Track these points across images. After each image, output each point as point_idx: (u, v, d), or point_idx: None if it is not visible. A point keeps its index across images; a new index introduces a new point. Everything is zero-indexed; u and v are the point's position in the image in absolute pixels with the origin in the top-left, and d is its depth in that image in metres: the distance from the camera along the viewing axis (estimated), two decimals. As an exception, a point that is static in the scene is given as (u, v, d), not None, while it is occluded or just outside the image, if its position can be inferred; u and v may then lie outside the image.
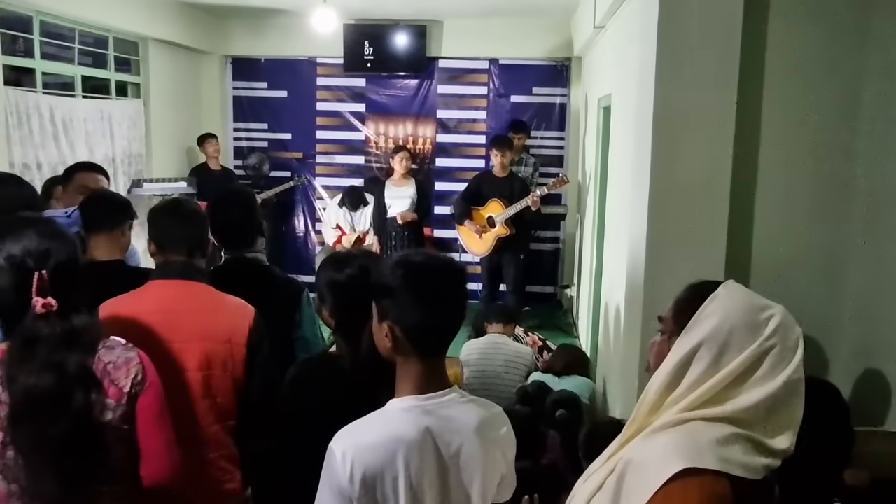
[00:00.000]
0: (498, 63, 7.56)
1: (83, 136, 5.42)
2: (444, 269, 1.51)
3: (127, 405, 1.67)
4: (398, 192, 6.49)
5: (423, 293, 1.47)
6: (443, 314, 1.50)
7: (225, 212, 2.63)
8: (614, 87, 4.79)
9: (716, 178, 2.91)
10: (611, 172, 4.97)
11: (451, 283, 1.51)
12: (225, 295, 2.32)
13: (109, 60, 6.00)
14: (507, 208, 5.92)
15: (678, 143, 2.93)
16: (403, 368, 1.52)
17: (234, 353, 2.24)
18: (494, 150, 6.06)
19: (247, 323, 2.26)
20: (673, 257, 2.98)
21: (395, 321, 1.48)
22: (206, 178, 6.73)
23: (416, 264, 1.50)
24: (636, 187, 3.22)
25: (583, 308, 6.33)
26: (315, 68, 7.69)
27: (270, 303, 2.46)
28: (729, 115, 2.88)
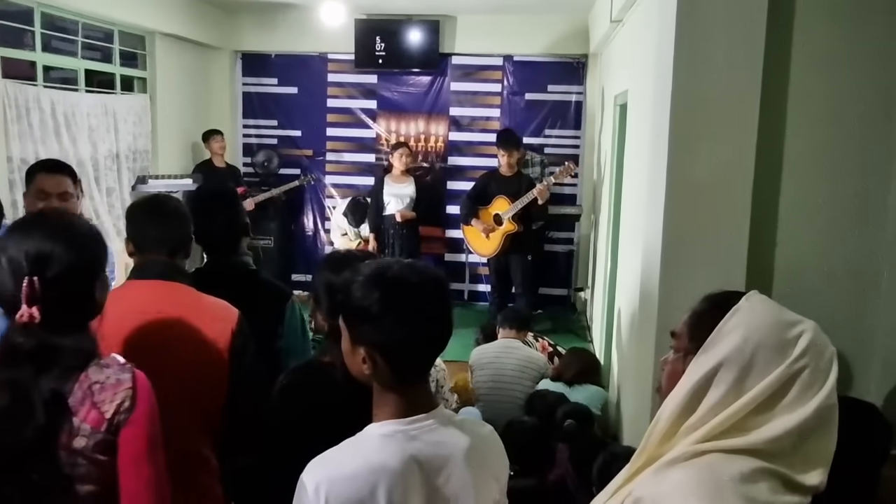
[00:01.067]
0: (512, 60, 7.39)
1: (86, 132, 5.31)
2: (425, 283, 1.33)
3: (107, 433, 1.45)
4: (397, 189, 6.36)
5: (405, 315, 1.30)
6: (428, 335, 1.33)
7: (205, 215, 2.46)
8: (631, 83, 4.61)
9: (737, 176, 2.73)
10: (626, 172, 4.80)
11: (434, 298, 1.33)
12: (207, 296, 2.18)
13: (114, 54, 5.89)
14: (514, 203, 5.77)
15: (697, 138, 2.75)
16: (384, 394, 1.36)
17: (216, 358, 2.09)
18: (501, 150, 5.91)
19: (230, 326, 2.11)
20: (689, 262, 2.80)
21: (373, 346, 1.32)
22: (210, 175, 6.60)
23: (393, 281, 1.32)
24: (652, 186, 3.04)
25: (597, 312, 6.16)
26: (326, 64, 7.56)
27: (255, 309, 2.32)
28: (752, 109, 2.69)
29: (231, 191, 2.65)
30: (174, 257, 2.17)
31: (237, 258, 2.54)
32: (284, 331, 2.51)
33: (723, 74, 2.70)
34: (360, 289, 1.31)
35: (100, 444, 1.45)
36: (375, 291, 1.30)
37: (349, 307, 1.34)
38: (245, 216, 2.62)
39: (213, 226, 2.47)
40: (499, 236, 5.90)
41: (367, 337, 1.31)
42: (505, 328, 4.70)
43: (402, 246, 6.26)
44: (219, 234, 2.50)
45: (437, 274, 1.38)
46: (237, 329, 2.12)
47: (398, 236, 6.29)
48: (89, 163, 5.34)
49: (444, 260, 7.57)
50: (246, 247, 2.63)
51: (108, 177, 5.60)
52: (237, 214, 2.58)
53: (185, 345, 2.06)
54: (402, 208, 6.29)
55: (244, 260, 2.57)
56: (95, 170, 5.46)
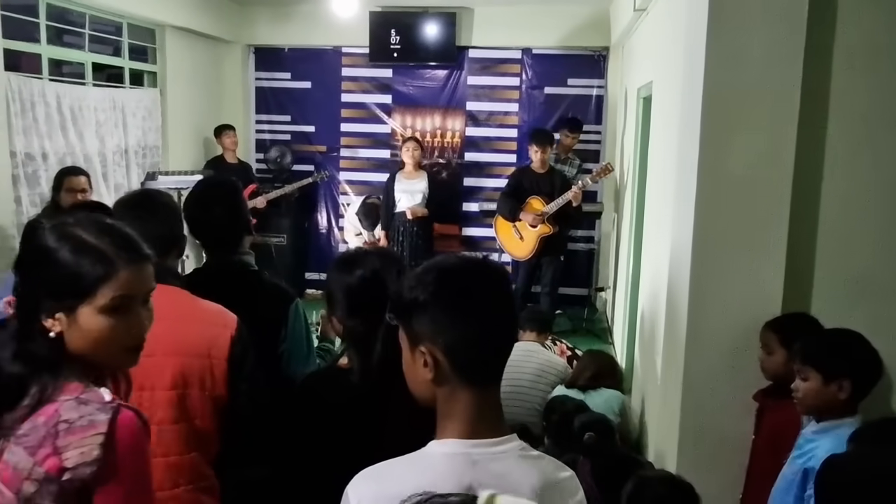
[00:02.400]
0: (531, 52, 7.19)
1: (93, 126, 5.18)
2: (485, 270, 1.21)
3: (60, 485, 1.17)
4: (409, 185, 6.18)
5: (466, 299, 1.16)
6: (492, 325, 1.18)
7: (205, 209, 2.29)
8: (656, 74, 4.41)
9: (775, 171, 2.53)
10: (651, 167, 4.60)
11: (495, 287, 1.20)
12: (203, 301, 2.02)
13: (123, 48, 5.76)
14: (549, 205, 5.58)
15: (731, 130, 2.55)
16: (449, 404, 1.18)
17: (214, 368, 1.93)
18: (535, 145, 5.72)
19: (228, 333, 1.95)
20: (722, 263, 2.61)
21: (432, 342, 1.15)
22: (221, 171, 6.47)
23: (450, 266, 1.20)
24: (681, 183, 2.85)
25: (618, 313, 5.96)
26: (340, 58, 7.40)
27: (257, 311, 2.15)
28: (792, 99, 2.49)
29: (232, 184, 2.47)
30: (165, 258, 2.01)
31: (238, 257, 2.37)
32: (287, 335, 2.34)
33: (760, 65, 2.50)
34: (412, 280, 1.19)
35: (55, 496, 1.18)
36: (429, 278, 1.17)
37: (402, 303, 1.19)
38: (248, 212, 2.45)
39: (211, 222, 2.29)
40: (534, 238, 5.72)
41: (425, 330, 1.16)
42: (525, 329, 4.51)
43: (412, 244, 6.09)
44: (218, 231, 2.32)
45: (498, 265, 1.26)
46: (236, 336, 1.96)
47: (408, 234, 6.12)
48: (97, 158, 5.22)
49: (461, 258, 7.37)
50: (248, 245, 2.47)
51: (116, 172, 5.48)
52: (238, 209, 2.40)
53: (178, 355, 1.91)
54: (413, 205, 6.11)
55: (246, 259, 2.40)
56: (103, 165, 5.34)
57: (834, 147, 2.58)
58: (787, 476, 2.07)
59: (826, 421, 2.05)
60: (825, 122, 2.57)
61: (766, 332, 2.43)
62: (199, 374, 1.91)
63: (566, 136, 6.27)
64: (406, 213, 6.08)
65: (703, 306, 2.63)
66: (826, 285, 2.63)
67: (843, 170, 2.58)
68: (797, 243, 2.59)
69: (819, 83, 2.53)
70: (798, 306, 2.58)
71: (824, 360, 2.05)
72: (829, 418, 2.04)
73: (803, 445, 2.06)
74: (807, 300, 2.65)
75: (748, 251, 2.57)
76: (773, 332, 2.40)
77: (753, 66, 2.50)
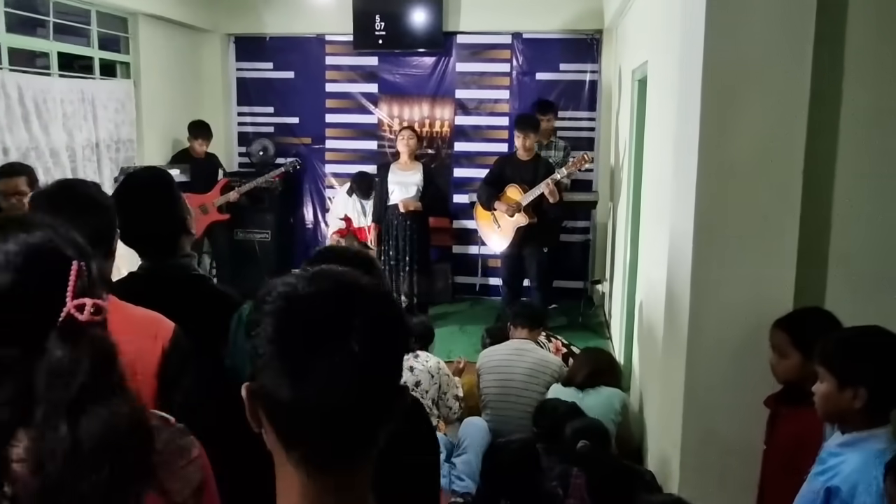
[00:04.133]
0: (521, 37, 6.92)
1: (60, 119, 4.92)
2: (328, 293, 0.83)
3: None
4: (403, 177, 5.90)
5: (295, 347, 0.80)
6: (333, 386, 0.78)
7: (133, 207, 1.99)
8: (651, 53, 4.16)
9: (784, 155, 2.29)
10: (647, 153, 4.36)
11: (338, 321, 0.80)
12: (132, 308, 1.77)
13: (93, 37, 5.49)
14: (525, 194, 5.34)
15: (735, 111, 2.31)
16: (280, 483, 0.87)
17: (142, 387, 1.69)
18: (518, 131, 5.47)
19: (159, 345, 1.70)
20: (727, 255, 2.37)
21: (258, 395, 0.84)
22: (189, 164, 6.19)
23: (292, 295, 0.82)
24: (680, 169, 2.60)
25: (615, 306, 5.73)
26: (323, 46, 7.13)
27: (197, 321, 1.90)
28: (802, 74, 2.24)
29: (165, 177, 2.20)
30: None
31: (176, 260, 2.12)
32: (230, 348, 2.09)
33: (766, 36, 2.26)
34: (260, 301, 0.85)
35: None
36: (268, 305, 0.83)
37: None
38: (185, 209, 2.19)
39: (141, 221, 2.01)
40: (510, 228, 5.47)
41: (256, 379, 0.85)
42: (517, 326, 4.28)
43: (406, 238, 5.83)
44: (150, 231, 2.06)
45: (370, 287, 0.85)
46: (170, 348, 1.72)
47: (402, 228, 5.84)
48: (65, 152, 4.96)
49: (453, 252, 7.15)
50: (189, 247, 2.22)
51: (86, 167, 5.22)
52: (173, 206, 2.13)
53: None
54: (406, 198, 5.85)
55: (185, 262, 2.14)
56: (72, 160, 5.08)
57: (849, 128, 2.34)
58: (807, 495, 1.83)
59: (851, 433, 1.80)
60: (839, 101, 2.33)
61: (776, 332, 2.19)
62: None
63: (542, 120, 6.00)
64: (399, 206, 5.83)
65: (705, 302, 2.40)
66: (841, 280, 2.40)
67: (859, 153, 2.34)
68: (809, 234, 2.35)
69: (833, 56, 2.29)
70: (811, 302, 2.35)
71: (837, 362, 1.81)
72: (854, 429, 1.80)
73: (826, 460, 1.82)
74: (819, 296, 2.41)
75: (755, 242, 2.34)
76: (784, 331, 2.15)
77: (759, 38, 2.26)
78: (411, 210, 5.81)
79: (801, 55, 2.24)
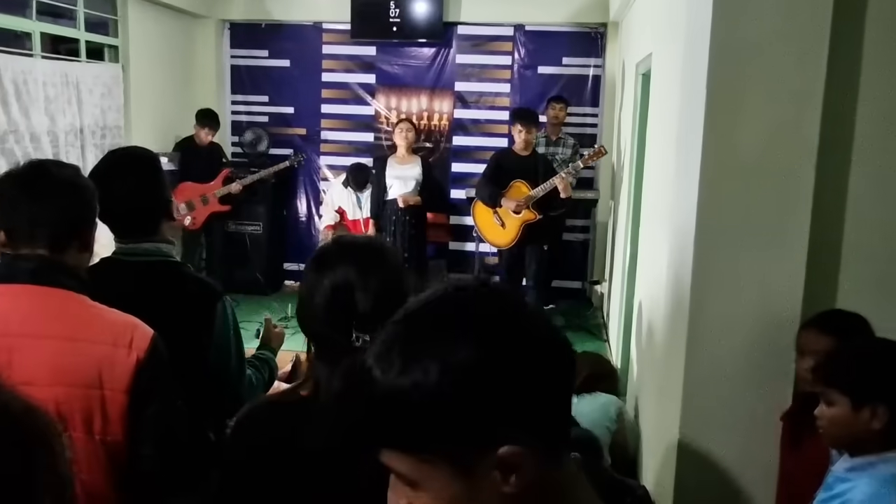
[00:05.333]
0: (524, 29, 6.73)
1: (41, 102, 4.74)
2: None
3: None
4: (401, 171, 5.71)
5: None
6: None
7: (112, 183, 1.84)
8: (655, 45, 3.97)
9: (796, 147, 2.11)
10: (649, 149, 4.17)
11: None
12: (106, 310, 1.59)
13: (79, 18, 5.30)
14: (537, 188, 5.14)
15: (743, 98, 2.12)
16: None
17: (108, 403, 1.52)
18: (519, 124, 5.27)
19: (133, 355, 1.53)
20: (731, 256, 2.19)
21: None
22: (192, 154, 6.06)
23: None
24: (683, 162, 2.42)
25: (614, 307, 5.54)
26: (320, 35, 6.94)
27: (174, 314, 1.74)
28: (818, 57, 2.06)
29: (148, 155, 2.03)
30: (61, 251, 1.58)
31: (153, 245, 1.94)
32: (212, 338, 1.91)
33: (779, 14, 2.07)
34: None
35: None
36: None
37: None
38: (167, 191, 2.02)
39: (117, 198, 1.84)
40: (517, 226, 5.28)
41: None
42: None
43: (404, 234, 5.64)
44: (128, 212, 1.89)
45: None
46: (146, 359, 1.53)
47: (400, 223, 5.66)
48: (46, 137, 4.78)
49: (450, 249, 6.97)
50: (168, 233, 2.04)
51: (69, 154, 5.04)
52: (155, 186, 1.96)
53: (57, 385, 1.49)
54: (405, 192, 5.65)
55: (162, 248, 1.96)
56: (54, 146, 4.90)
57: (867, 117, 2.15)
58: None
59: (861, 456, 1.62)
60: (856, 86, 2.14)
61: (813, 334, 1.99)
62: (83, 411, 1.49)
63: (554, 108, 5.82)
64: (398, 201, 5.64)
65: (707, 304, 2.22)
66: (852, 283, 2.21)
67: (878, 144, 2.15)
68: (820, 233, 2.16)
69: (851, 36, 2.10)
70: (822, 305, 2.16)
71: (852, 380, 1.63)
72: (864, 452, 1.62)
73: (834, 485, 1.64)
74: (830, 300, 2.23)
75: (762, 240, 2.15)
76: (827, 333, 1.95)
77: (771, 15, 2.07)
78: (410, 205, 5.63)
79: (816, 37, 2.05)
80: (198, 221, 6.08)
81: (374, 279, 1.33)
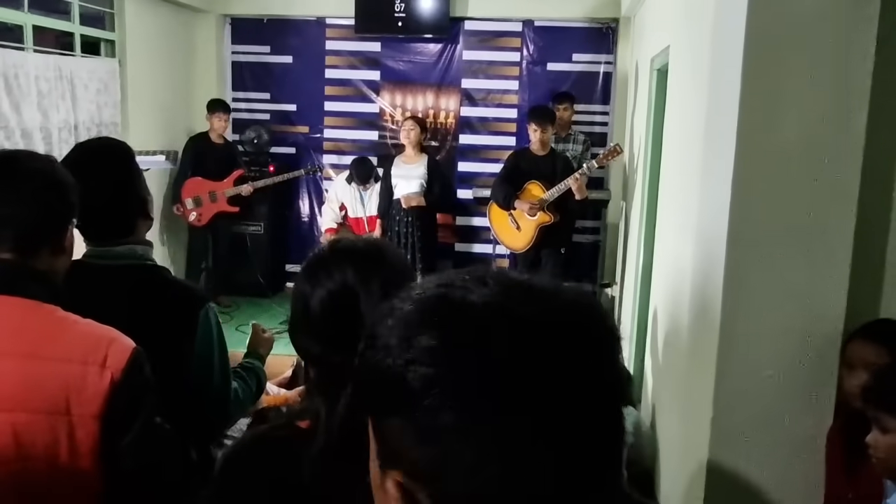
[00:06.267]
0: (533, 25, 6.54)
1: (34, 97, 4.57)
2: (570, 332, 0.57)
3: None
4: (406, 170, 5.51)
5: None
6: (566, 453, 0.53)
7: (81, 178, 1.61)
8: (674, 37, 3.78)
9: (842, 138, 1.91)
10: (665, 150, 3.99)
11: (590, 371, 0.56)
12: (79, 322, 1.41)
13: (73, 11, 5.13)
14: (552, 189, 4.96)
15: (783, 84, 1.93)
16: None
17: (76, 429, 1.33)
18: (533, 123, 5.07)
19: (107, 374, 1.34)
20: (767, 264, 1.99)
21: (413, 474, 0.57)
22: (204, 150, 5.90)
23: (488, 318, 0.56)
24: (712, 158, 2.23)
25: (626, 312, 5.35)
26: (324, 30, 6.76)
27: (153, 323, 1.57)
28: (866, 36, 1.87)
29: (122, 147, 1.85)
30: (30, 254, 1.40)
31: (127, 248, 1.76)
32: (194, 355, 1.73)
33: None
34: (399, 329, 0.58)
35: None
36: (432, 337, 0.55)
37: (373, 372, 0.59)
38: (143, 187, 1.83)
39: (90, 194, 1.63)
40: (532, 228, 5.09)
41: (405, 452, 0.57)
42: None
43: (410, 236, 5.46)
44: (96, 208, 1.69)
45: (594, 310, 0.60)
46: (122, 379, 1.34)
47: (404, 224, 5.48)
48: (38, 133, 4.61)
49: (456, 250, 6.79)
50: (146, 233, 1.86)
51: (63, 150, 4.84)
52: (129, 181, 1.78)
53: (16, 410, 1.31)
54: (409, 192, 5.47)
55: (138, 251, 1.78)
56: (47, 142, 4.73)
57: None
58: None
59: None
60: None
61: (864, 345, 1.81)
62: (47, 441, 1.30)
63: (558, 110, 5.65)
64: (402, 202, 5.46)
65: (739, 317, 2.03)
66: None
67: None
68: (865, 238, 1.97)
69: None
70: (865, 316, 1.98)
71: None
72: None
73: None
74: (875, 310, 2.04)
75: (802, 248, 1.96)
76: (880, 344, 1.77)
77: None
78: (413, 206, 5.45)
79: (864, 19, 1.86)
80: (204, 218, 5.93)
81: (377, 282, 1.14)
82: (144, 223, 1.83)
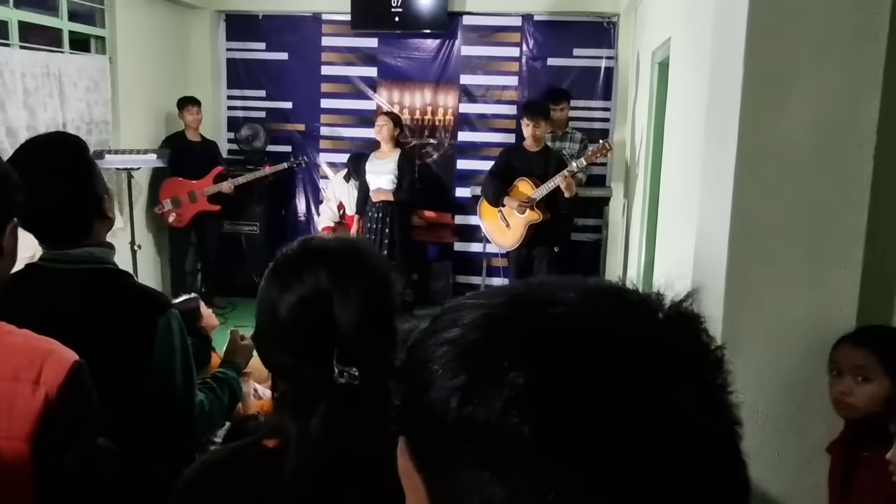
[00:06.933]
0: (533, 20, 6.41)
1: (20, 95, 4.47)
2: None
3: None
4: (378, 165, 5.52)
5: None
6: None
7: (30, 175, 1.47)
8: (675, 29, 3.67)
9: (851, 131, 1.79)
10: (667, 145, 3.87)
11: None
12: (13, 333, 1.29)
13: (61, 6, 5.03)
14: (541, 187, 4.84)
15: (789, 74, 1.81)
16: None
17: (3, 455, 1.22)
18: (527, 119, 4.96)
19: (40, 393, 1.22)
20: (771, 264, 1.88)
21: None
22: (182, 150, 5.76)
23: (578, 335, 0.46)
24: (712, 158, 2.12)
25: (628, 312, 5.22)
26: (320, 26, 6.64)
27: (109, 332, 1.45)
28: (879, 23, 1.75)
29: (74, 141, 1.72)
30: None
31: (83, 250, 1.64)
32: (153, 366, 1.61)
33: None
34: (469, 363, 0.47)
35: None
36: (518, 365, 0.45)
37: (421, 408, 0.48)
38: (100, 185, 1.71)
39: (41, 193, 1.52)
40: (521, 226, 4.97)
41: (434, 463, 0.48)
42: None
43: (380, 232, 5.43)
44: (51, 206, 1.58)
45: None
46: (57, 398, 1.22)
47: (375, 220, 5.47)
48: (25, 132, 4.49)
49: (455, 250, 6.67)
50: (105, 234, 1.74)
51: (51, 150, 4.76)
52: (83, 178, 1.65)
53: None
54: (378, 188, 5.42)
55: (95, 253, 1.66)
56: (34, 141, 4.62)
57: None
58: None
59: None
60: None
61: (852, 350, 1.71)
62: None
63: (554, 110, 5.53)
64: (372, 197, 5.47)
65: (742, 320, 1.92)
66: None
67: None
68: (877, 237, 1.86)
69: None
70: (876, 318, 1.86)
71: None
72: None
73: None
74: (888, 313, 1.92)
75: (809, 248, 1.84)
76: (870, 349, 1.67)
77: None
78: (381, 200, 5.40)
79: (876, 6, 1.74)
80: (183, 219, 5.82)
81: (355, 286, 1.04)
82: (103, 224, 1.70)
